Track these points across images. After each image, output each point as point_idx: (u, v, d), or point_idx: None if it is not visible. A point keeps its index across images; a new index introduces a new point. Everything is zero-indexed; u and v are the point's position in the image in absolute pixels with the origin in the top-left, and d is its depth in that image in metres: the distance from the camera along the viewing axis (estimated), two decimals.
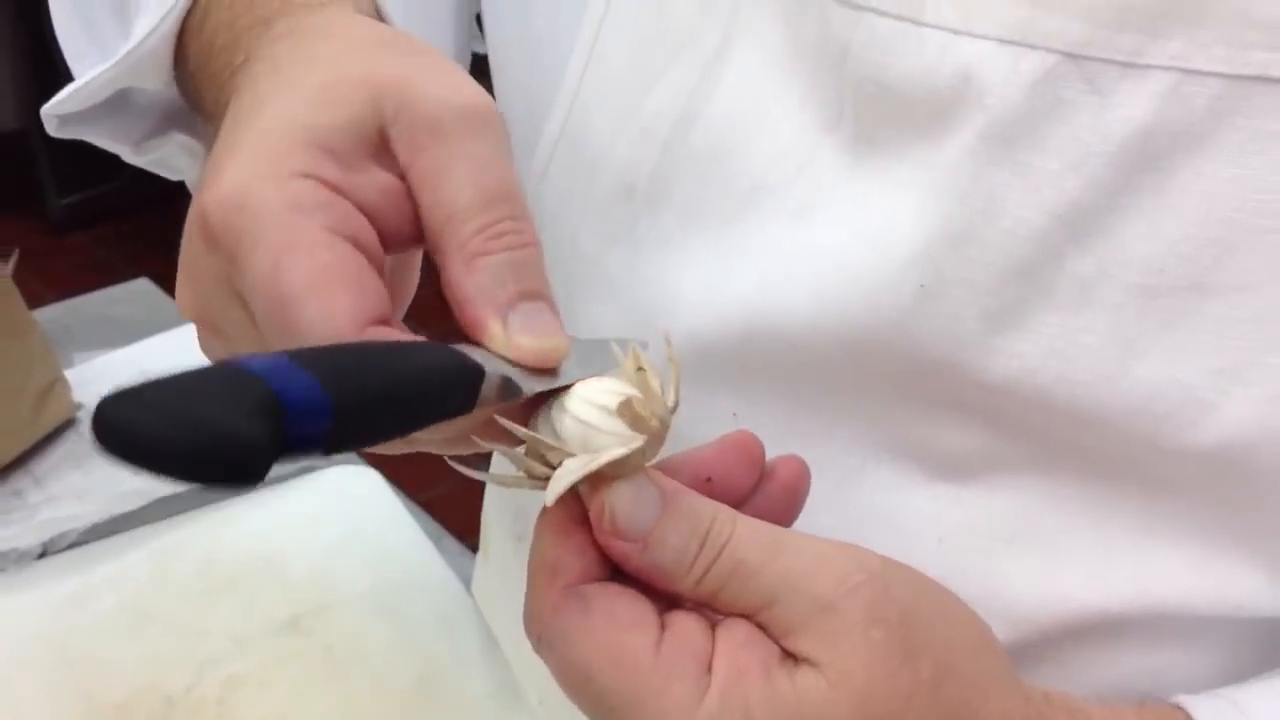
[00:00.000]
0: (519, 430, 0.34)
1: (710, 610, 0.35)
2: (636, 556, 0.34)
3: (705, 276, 0.47)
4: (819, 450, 0.39)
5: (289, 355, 0.28)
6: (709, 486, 0.36)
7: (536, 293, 0.35)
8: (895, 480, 0.48)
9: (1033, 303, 0.42)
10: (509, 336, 0.34)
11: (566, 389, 0.35)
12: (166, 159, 0.58)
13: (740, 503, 0.37)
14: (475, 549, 0.76)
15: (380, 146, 0.36)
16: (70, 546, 0.74)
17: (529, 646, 0.35)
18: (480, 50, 0.59)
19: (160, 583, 0.72)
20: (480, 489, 0.71)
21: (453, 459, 0.36)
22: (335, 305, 0.32)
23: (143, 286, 1.05)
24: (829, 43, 0.43)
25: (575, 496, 0.35)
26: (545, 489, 0.34)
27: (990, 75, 0.40)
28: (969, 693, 0.35)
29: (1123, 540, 0.45)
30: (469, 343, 0.35)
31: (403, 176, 0.36)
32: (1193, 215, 0.39)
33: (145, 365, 0.88)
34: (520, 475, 0.35)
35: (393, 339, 0.33)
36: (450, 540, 0.81)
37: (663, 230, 0.48)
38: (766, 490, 0.37)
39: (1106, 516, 0.45)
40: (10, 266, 0.79)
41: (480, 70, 0.56)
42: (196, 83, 0.48)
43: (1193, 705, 0.41)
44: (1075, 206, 0.40)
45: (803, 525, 0.37)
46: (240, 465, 0.25)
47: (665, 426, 0.34)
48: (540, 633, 0.34)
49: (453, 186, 0.35)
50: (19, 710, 0.64)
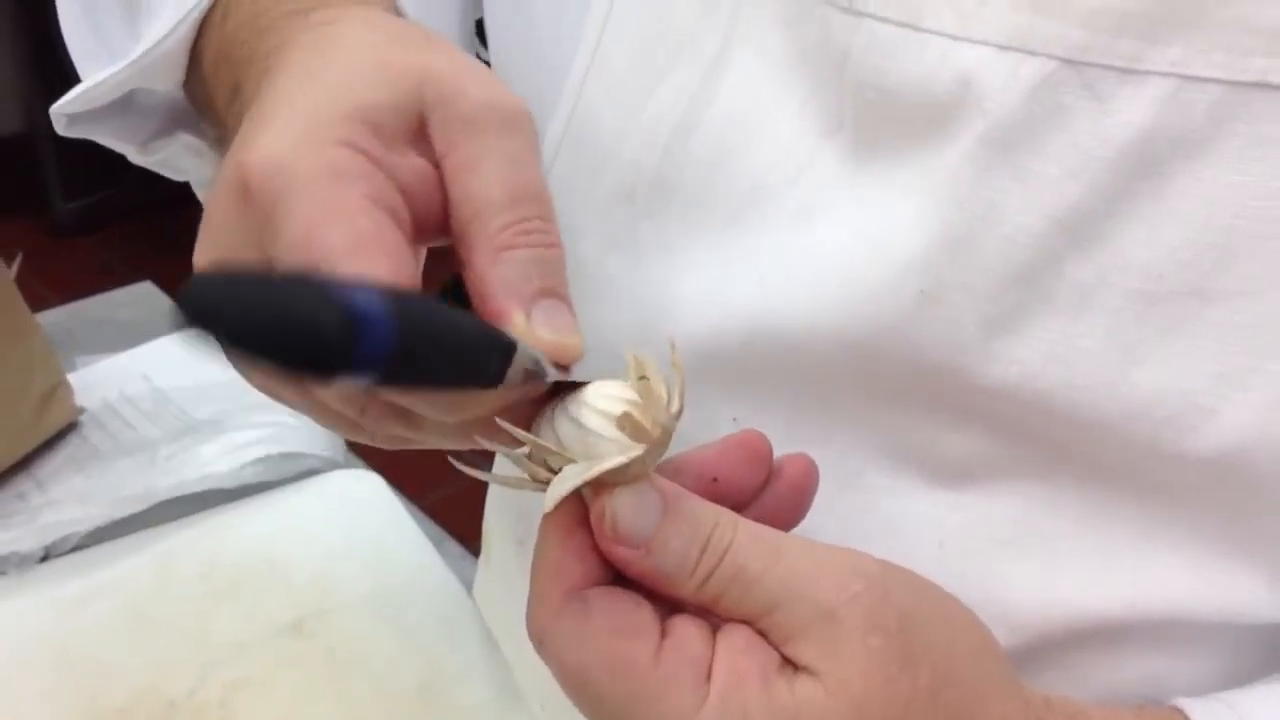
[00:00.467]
0: (520, 434, 0.34)
1: (712, 615, 0.35)
2: (638, 562, 0.34)
3: (705, 280, 0.47)
4: (819, 454, 0.39)
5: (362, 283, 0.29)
6: (715, 487, 0.37)
7: (558, 292, 0.36)
8: (895, 485, 0.48)
9: (1032, 308, 0.42)
10: (531, 329, 0.35)
11: (577, 387, 0.35)
12: (171, 159, 0.58)
13: (747, 502, 0.37)
14: (477, 553, 0.76)
15: (419, 133, 0.37)
16: (72, 550, 0.74)
17: (530, 650, 0.35)
18: (483, 58, 0.60)
19: (162, 586, 0.72)
20: (482, 493, 0.71)
21: (455, 458, 0.36)
22: (371, 271, 0.33)
23: (146, 290, 1.05)
24: (829, 48, 0.43)
25: (578, 499, 0.35)
26: (546, 488, 0.34)
27: (990, 81, 0.40)
28: (968, 698, 0.35)
29: (1123, 545, 0.45)
30: None
31: (437, 165, 0.37)
32: (1192, 221, 0.39)
33: (148, 369, 0.88)
34: (522, 477, 0.35)
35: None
36: (452, 544, 0.81)
37: (663, 234, 0.48)
38: (774, 489, 0.37)
39: (1106, 522, 0.45)
40: (14, 270, 0.79)
41: None
42: (214, 74, 0.48)
43: (1191, 708, 0.41)
44: (1075, 212, 0.40)
45: (803, 530, 0.37)
46: (319, 353, 0.26)
47: (668, 434, 0.34)
48: (541, 636, 0.35)
49: (485, 181, 0.36)
50: (20, 713, 0.64)
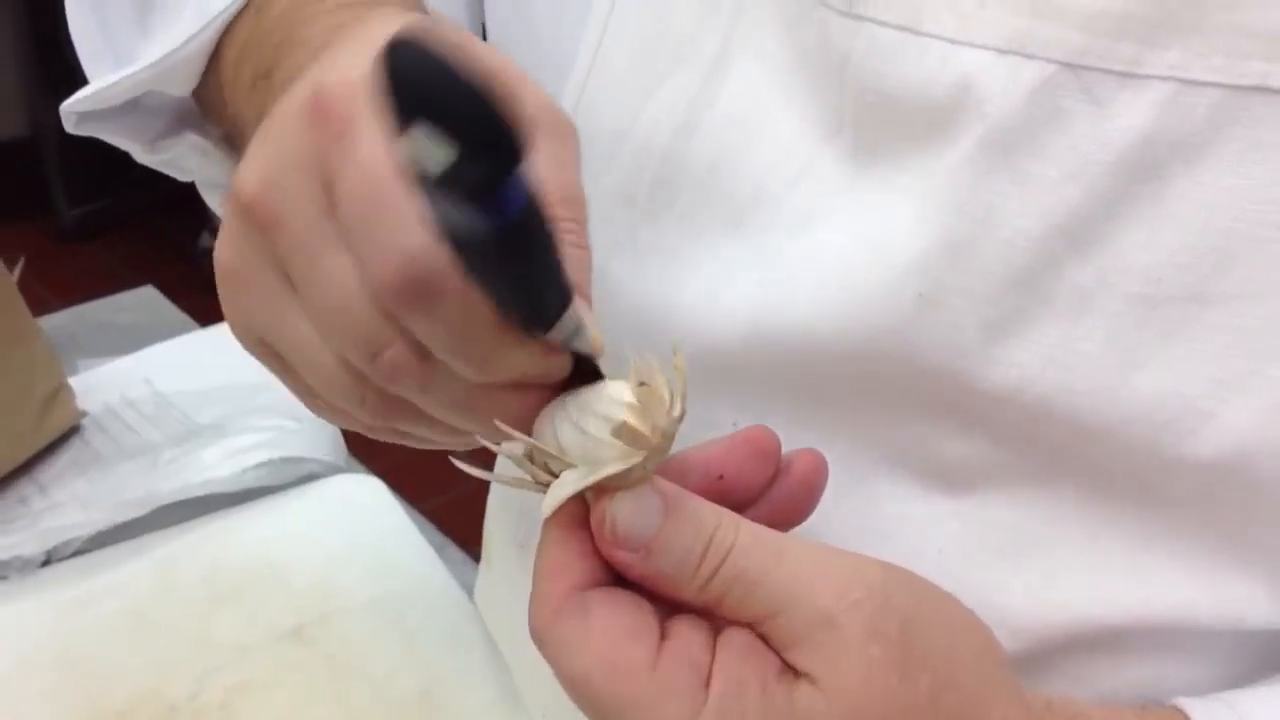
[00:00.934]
0: (520, 436, 0.34)
1: (715, 615, 0.35)
2: (639, 565, 0.34)
3: (705, 283, 0.47)
4: None
5: None
6: (721, 484, 0.37)
7: (585, 292, 0.36)
8: (895, 491, 0.47)
9: (1032, 312, 0.42)
10: None
11: (579, 387, 0.35)
12: (178, 159, 0.59)
13: (754, 498, 0.37)
14: (478, 558, 0.76)
15: None
16: (74, 554, 0.74)
17: (531, 655, 0.35)
18: None
19: (163, 590, 0.72)
20: (483, 498, 0.71)
21: (456, 458, 0.36)
22: None
23: (148, 294, 1.05)
24: (829, 51, 0.43)
25: (580, 500, 0.35)
26: (546, 492, 0.34)
27: (989, 84, 0.40)
28: (969, 704, 0.35)
29: (1122, 551, 0.44)
30: None
31: None
32: (1191, 225, 0.39)
33: (150, 373, 0.88)
34: (523, 477, 0.35)
35: None
36: (453, 549, 0.81)
37: (664, 236, 0.48)
38: (782, 484, 0.37)
39: (1106, 527, 0.44)
40: (16, 274, 0.79)
41: None
42: (236, 67, 0.48)
43: (1191, 707, 0.41)
44: (1074, 216, 0.40)
45: (801, 534, 0.37)
46: (496, 146, 0.27)
47: (669, 438, 0.34)
48: (542, 637, 0.34)
49: (536, 178, 0.36)
50: (21, 715, 0.64)
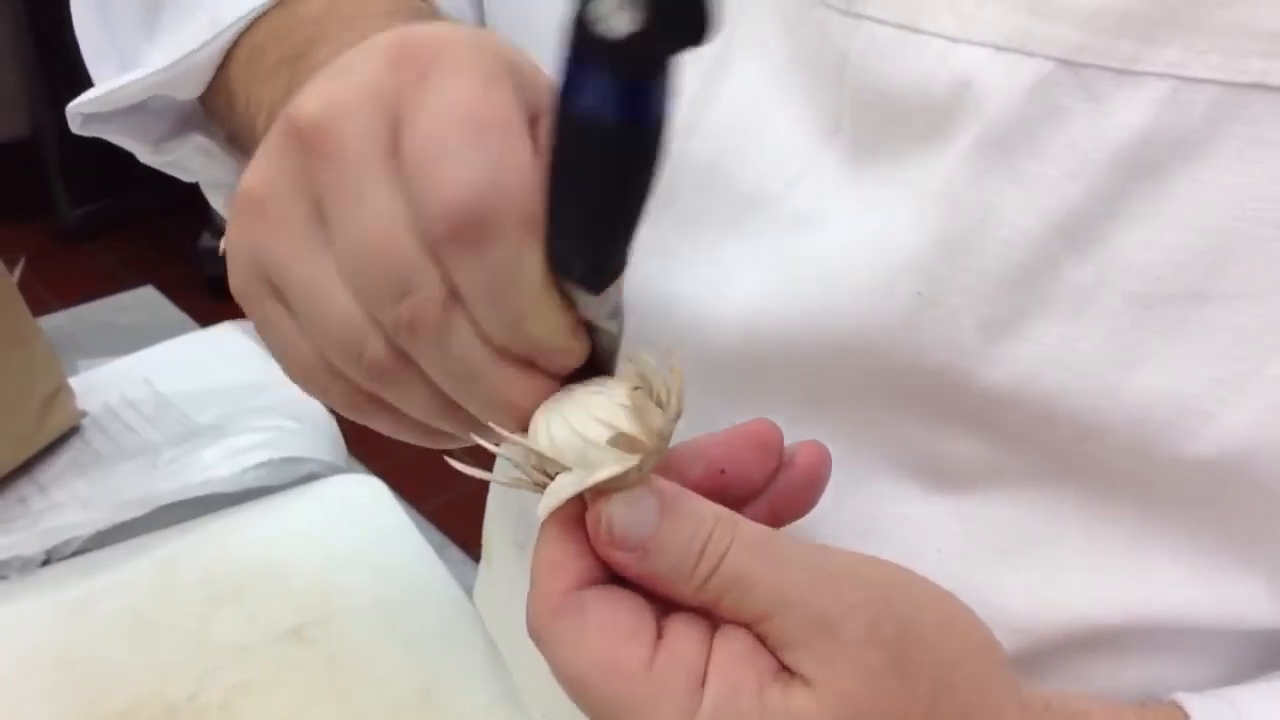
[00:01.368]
0: (516, 439, 0.34)
1: (713, 613, 0.35)
2: (635, 565, 0.34)
3: (704, 284, 0.47)
4: None
5: None
6: (723, 479, 0.37)
7: None
8: (895, 491, 0.47)
9: (1030, 311, 0.42)
10: None
11: (578, 383, 0.35)
12: (182, 160, 0.59)
13: (756, 493, 0.37)
14: (478, 558, 0.76)
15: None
16: (74, 554, 0.74)
17: (531, 655, 0.35)
18: None
19: (163, 590, 0.72)
20: (483, 498, 0.71)
21: (453, 459, 0.36)
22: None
23: (148, 294, 1.05)
24: (828, 51, 0.43)
25: (578, 498, 0.34)
26: (543, 490, 0.34)
27: (988, 82, 0.40)
28: (966, 710, 0.35)
29: (1121, 551, 0.44)
30: None
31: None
32: (1190, 223, 0.39)
33: (150, 373, 0.88)
34: (520, 477, 0.35)
35: None
36: (453, 549, 0.81)
37: (662, 236, 0.48)
38: (785, 477, 0.37)
39: (1106, 527, 0.44)
40: (16, 274, 0.79)
41: None
42: (253, 61, 0.48)
43: (1190, 704, 0.41)
44: (1072, 214, 0.40)
45: (800, 535, 0.37)
46: (677, 30, 0.29)
47: (665, 438, 0.34)
48: (539, 636, 0.34)
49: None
50: (21, 716, 0.64)
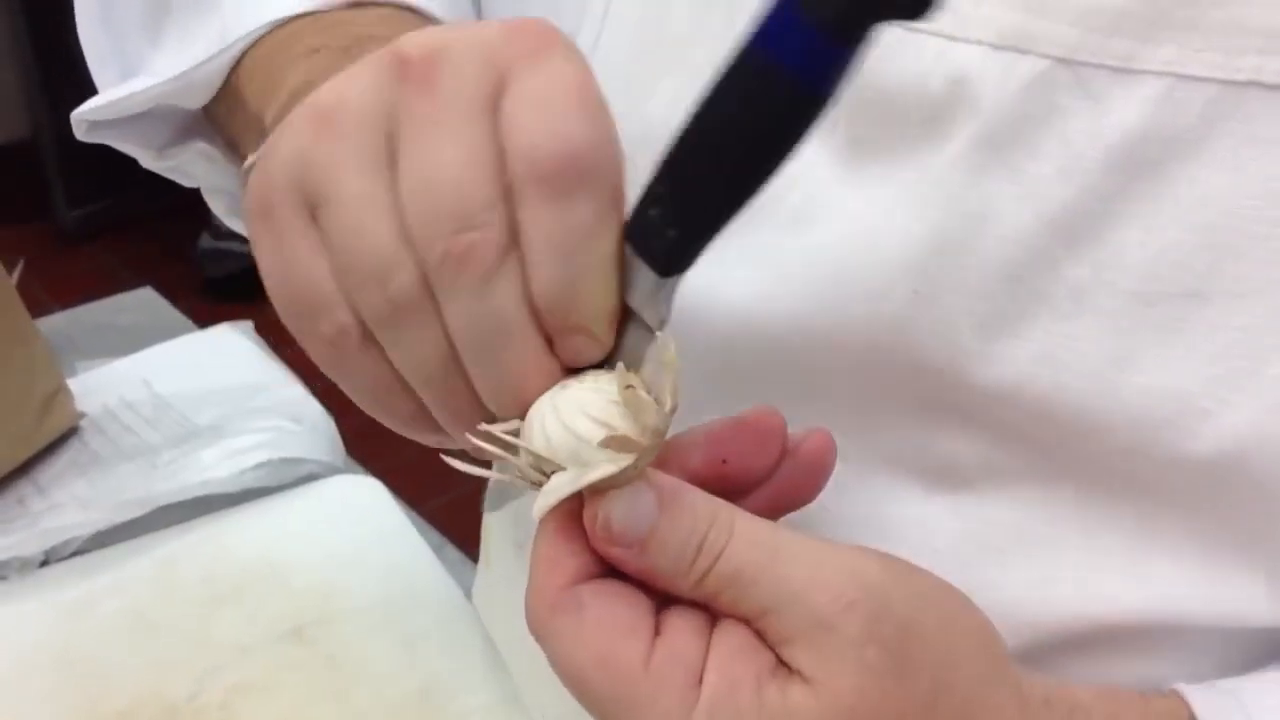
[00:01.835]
0: (510, 440, 0.34)
1: (712, 607, 0.34)
2: (633, 561, 0.34)
3: (701, 282, 0.47)
4: None
5: None
6: (725, 468, 0.36)
7: None
8: (892, 490, 0.47)
9: (1027, 309, 0.42)
10: None
11: (577, 377, 0.35)
12: (184, 165, 0.59)
13: (759, 482, 0.37)
14: (476, 558, 0.76)
15: None
16: (73, 554, 0.74)
17: (530, 656, 0.35)
18: None
19: (163, 591, 0.72)
20: (480, 499, 0.71)
21: (449, 456, 0.36)
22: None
23: (146, 295, 1.05)
24: None
25: (576, 494, 0.34)
26: (540, 489, 0.34)
27: (984, 80, 0.40)
28: (965, 707, 0.34)
29: (1120, 550, 0.44)
30: None
31: None
32: (1187, 221, 0.39)
33: (149, 374, 0.88)
34: (516, 476, 0.35)
35: None
36: (452, 549, 0.81)
37: None
38: (790, 465, 0.37)
39: (1103, 526, 0.44)
40: (15, 276, 0.79)
41: None
42: (269, 59, 0.48)
43: (1192, 695, 0.41)
44: (1069, 212, 0.40)
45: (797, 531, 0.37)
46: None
47: (661, 434, 0.34)
48: (538, 631, 0.34)
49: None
50: (21, 716, 0.64)
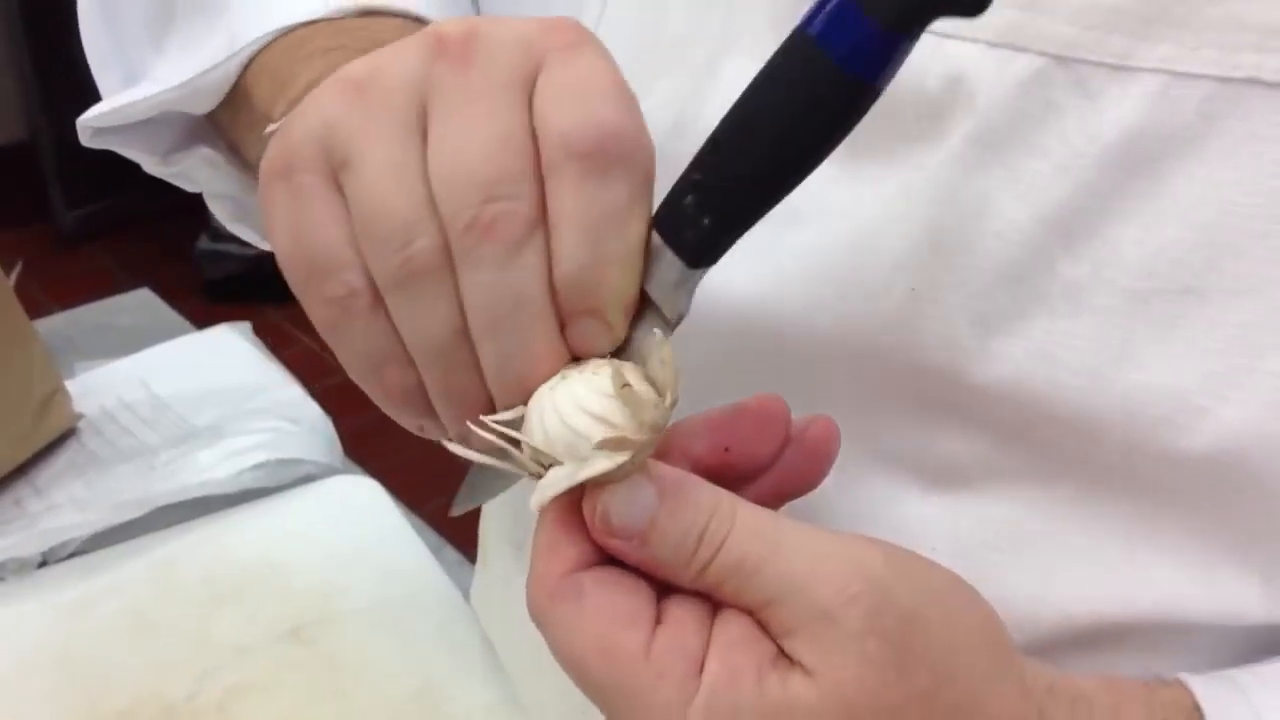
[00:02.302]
0: (508, 433, 0.34)
1: (713, 596, 0.34)
2: (634, 552, 0.34)
3: None
4: None
5: None
6: (727, 455, 0.36)
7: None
8: (890, 489, 0.47)
9: (1024, 306, 0.42)
10: None
11: (575, 367, 0.35)
12: (188, 171, 0.59)
13: (762, 470, 0.37)
14: (474, 559, 0.76)
15: None
16: (71, 555, 0.74)
17: (528, 655, 0.35)
18: None
19: (162, 591, 0.72)
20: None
21: (447, 442, 0.36)
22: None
23: (144, 296, 1.06)
24: None
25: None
26: (538, 478, 0.34)
27: (980, 78, 0.40)
28: (967, 700, 0.34)
29: (1117, 548, 0.44)
30: None
31: None
32: (1184, 219, 0.39)
33: (147, 375, 0.88)
34: (513, 466, 0.35)
35: None
36: (450, 550, 0.81)
37: None
38: (793, 452, 0.37)
39: (1101, 524, 0.44)
40: (13, 277, 0.79)
41: None
42: (277, 60, 0.48)
43: (1195, 684, 0.41)
44: (1065, 209, 0.40)
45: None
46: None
47: (659, 429, 0.34)
48: (539, 619, 0.34)
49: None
50: (21, 716, 0.64)
